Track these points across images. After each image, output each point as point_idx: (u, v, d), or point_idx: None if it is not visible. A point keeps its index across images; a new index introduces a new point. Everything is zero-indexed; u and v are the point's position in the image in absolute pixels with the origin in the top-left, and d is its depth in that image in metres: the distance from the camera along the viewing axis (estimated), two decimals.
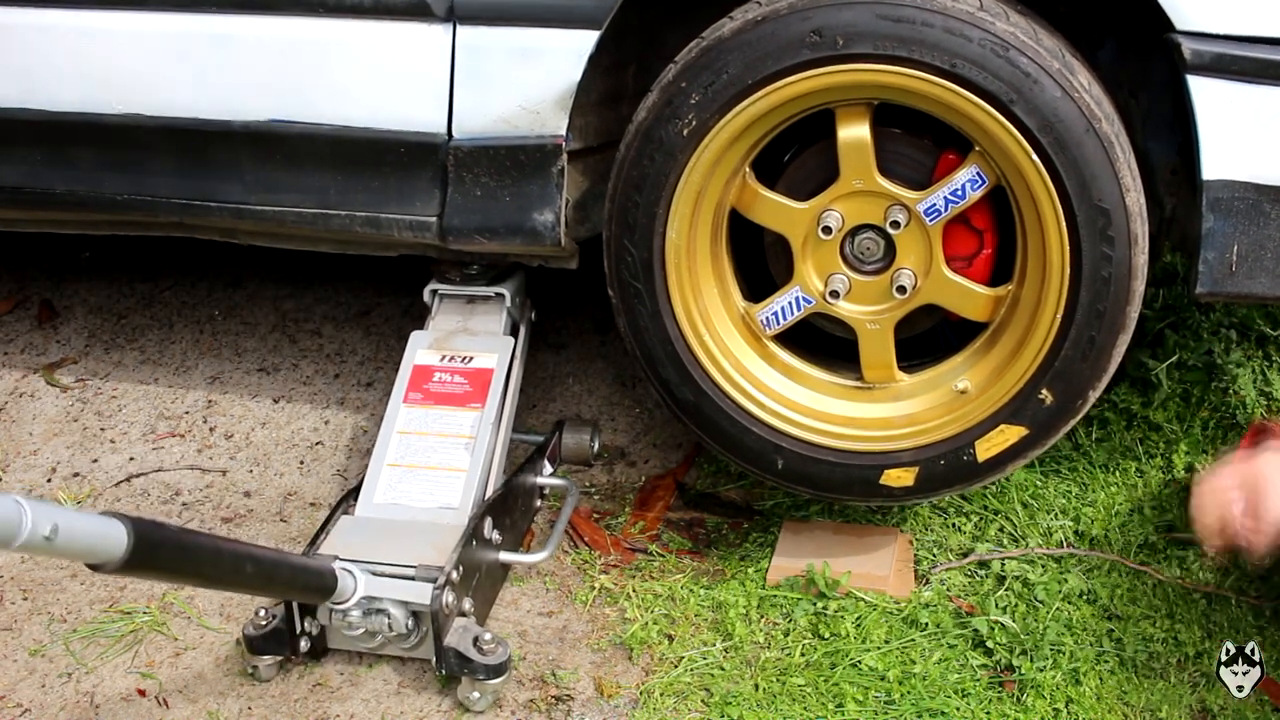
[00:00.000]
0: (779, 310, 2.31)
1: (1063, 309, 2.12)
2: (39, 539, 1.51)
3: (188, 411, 2.93)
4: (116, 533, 1.62)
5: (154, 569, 1.74)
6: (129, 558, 1.64)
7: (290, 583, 2.02)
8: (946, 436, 2.26)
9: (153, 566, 1.72)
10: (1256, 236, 2.08)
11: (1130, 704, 2.18)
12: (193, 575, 1.84)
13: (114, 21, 2.39)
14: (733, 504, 2.66)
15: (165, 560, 1.73)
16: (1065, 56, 2.04)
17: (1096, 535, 2.49)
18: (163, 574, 1.79)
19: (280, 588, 2.01)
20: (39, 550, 1.54)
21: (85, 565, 1.64)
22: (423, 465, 2.40)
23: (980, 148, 2.12)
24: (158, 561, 1.71)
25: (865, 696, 2.18)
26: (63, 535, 1.54)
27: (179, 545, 1.77)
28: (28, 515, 1.50)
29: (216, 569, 1.84)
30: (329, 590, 2.09)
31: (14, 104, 2.48)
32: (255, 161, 2.42)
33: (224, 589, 1.91)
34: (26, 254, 3.43)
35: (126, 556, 1.63)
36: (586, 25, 2.19)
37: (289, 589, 2.04)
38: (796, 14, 2.05)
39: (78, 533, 1.57)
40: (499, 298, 2.60)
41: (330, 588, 2.08)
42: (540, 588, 2.45)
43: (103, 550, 1.61)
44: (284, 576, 1.99)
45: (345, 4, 2.28)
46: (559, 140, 2.27)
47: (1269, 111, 2.02)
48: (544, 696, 2.20)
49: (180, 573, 1.81)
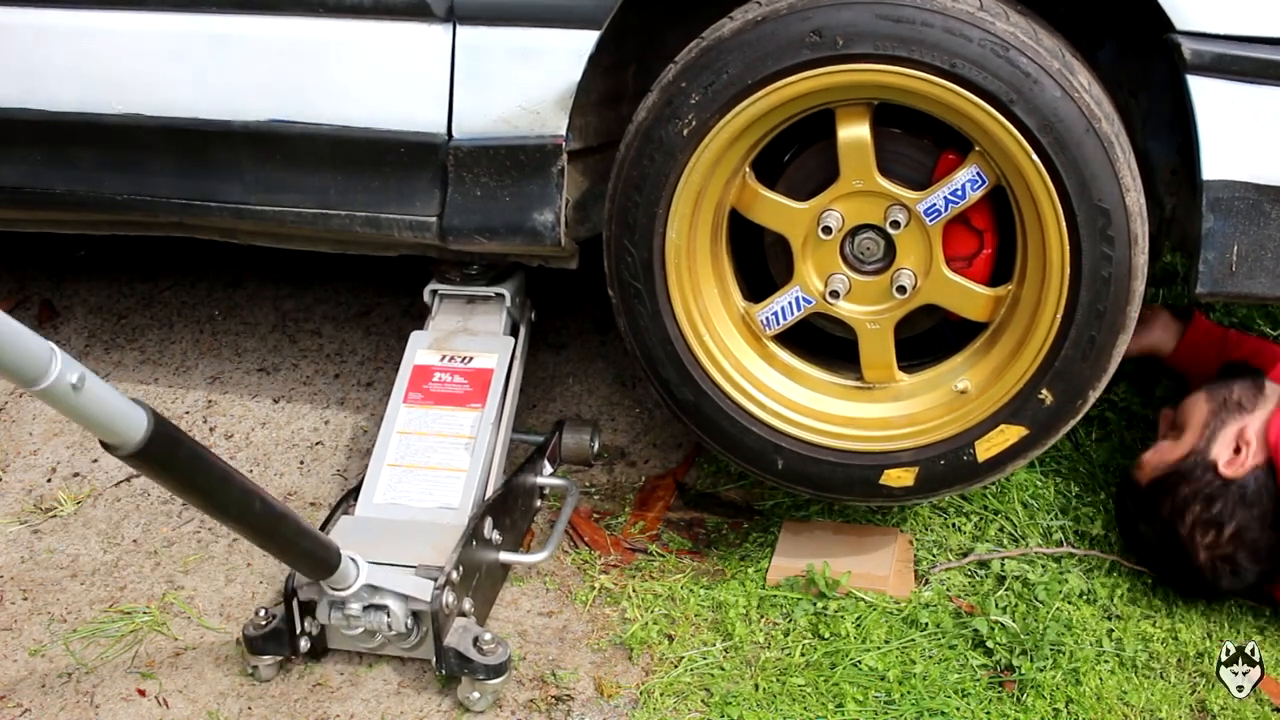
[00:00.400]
0: (779, 310, 2.31)
1: (1063, 309, 2.12)
2: (66, 384, 1.52)
3: (188, 411, 2.93)
4: (138, 416, 1.62)
5: (165, 467, 1.71)
6: (146, 444, 1.62)
7: (293, 541, 1.97)
8: (946, 436, 2.26)
9: (165, 464, 1.70)
10: (1257, 236, 2.08)
11: (1130, 704, 2.18)
12: (200, 491, 1.79)
13: (114, 21, 2.39)
14: (733, 504, 2.66)
15: (179, 461, 1.71)
16: (1065, 56, 2.04)
17: (1096, 535, 2.49)
18: (172, 477, 1.74)
19: (282, 543, 1.96)
20: (62, 400, 1.54)
21: (100, 443, 1.63)
22: (423, 465, 2.40)
23: (980, 148, 2.12)
24: (171, 460, 1.70)
25: (865, 696, 2.18)
26: (88, 392, 1.54)
27: (195, 453, 1.75)
28: (58, 359, 1.52)
29: (225, 494, 1.81)
30: (330, 566, 2.05)
31: (14, 104, 2.48)
32: (255, 161, 2.42)
33: (226, 519, 1.86)
34: (26, 254, 3.43)
35: (144, 442, 1.62)
36: (586, 25, 2.19)
37: (289, 548, 1.98)
38: (796, 14, 2.04)
39: (103, 399, 1.57)
40: (499, 298, 2.60)
41: (332, 564, 2.05)
42: (540, 588, 2.45)
43: (122, 429, 1.61)
44: (288, 531, 1.94)
45: (345, 4, 2.28)
46: (559, 140, 2.27)
47: (1269, 111, 2.02)
48: (544, 696, 2.20)
49: (190, 484, 1.77)
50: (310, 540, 2.01)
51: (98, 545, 2.57)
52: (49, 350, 1.52)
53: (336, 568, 2.06)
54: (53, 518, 2.64)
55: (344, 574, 2.08)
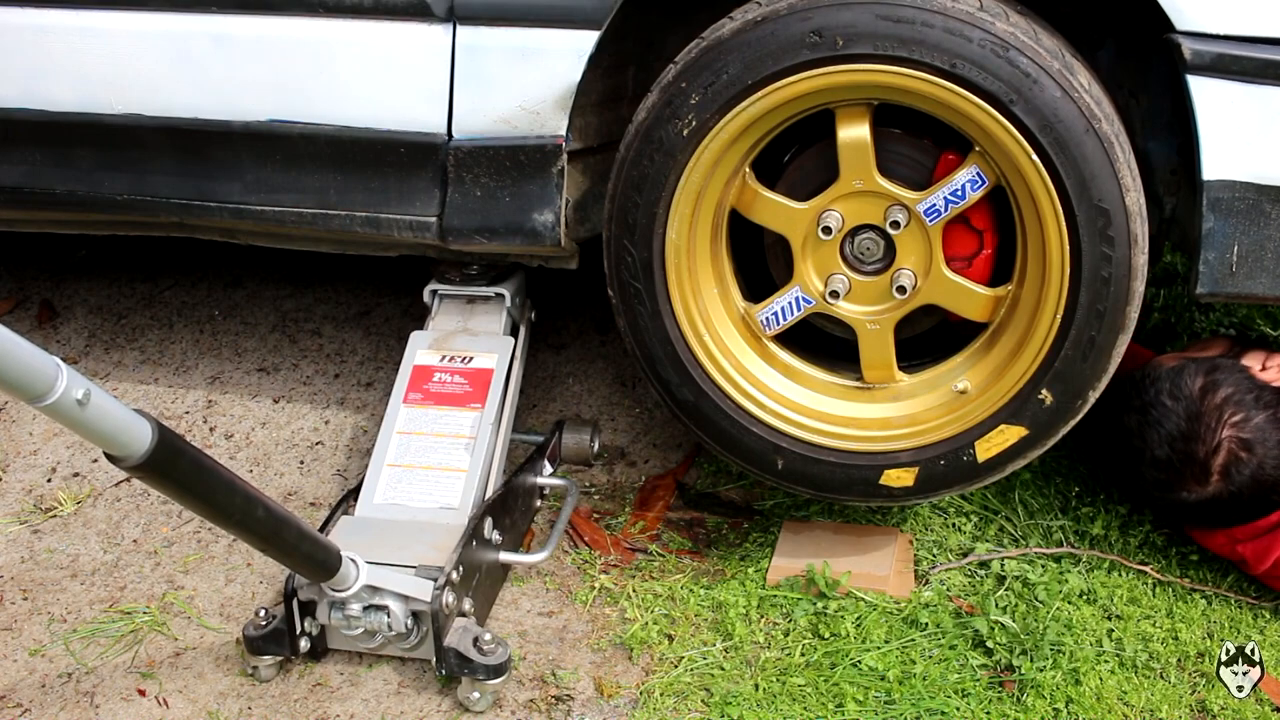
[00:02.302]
0: (779, 310, 2.31)
1: (1063, 309, 2.12)
2: (71, 400, 1.54)
3: (188, 411, 2.93)
4: (142, 429, 1.64)
5: (169, 478, 1.73)
6: (150, 456, 1.65)
7: (295, 545, 1.98)
8: (946, 437, 2.26)
9: (168, 474, 1.72)
10: (1257, 236, 2.08)
11: (1130, 704, 2.18)
12: (204, 499, 1.81)
13: (114, 21, 2.39)
14: (733, 504, 2.67)
15: (182, 471, 1.73)
16: (1065, 56, 2.04)
17: (1096, 535, 2.49)
18: (176, 487, 1.76)
19: (283, 547, 1.98)
20: (68, 415, 1.56)
21: (105, 455, 1.65)
22: (423, 465, 2.40)
23: (980, 148, 2.12)
24: (175, 470, 1.71)
25: (865, 696, 2.18)
26: (94, 407, 1.57)
27: (198, 463, 1.77)
28: (64, 374, 1.54)
29: (229, 500, 1.83)
30: (331, 568, 2.06)
31: (14, 104, 2.48)
32: (255, 161, 2.42)
33: (229, 526, 1.88)
34: (26, 254, 3.43)
35: (148, 454, 1.64)
36: (586, 25, 2.19)
37: (291, 552, 2.00)
38: (796, 14, 2.04)
39: (108, 412, 1.59)
40: (499, 298, 2.60)
41: (333, 567, 2.06)
42: (540, 588, 2.45)
43: (126, 441, 1.63)
44: (290, 536, 1.96)
45: (345, 4, 2.28)
46: (559, 140, 2.27)
47: (1269, 111, 2.02)
48: (544, 696, 2.21)
49: (193, 491, 1.79)
50: (311, 544, 2.02)
51: (98, 545, 2.57)
52: (54, 366, 1.54)
53: (337, 570, 2.07)
54: (53, 518, 2.65)
55: (344, 576, 2.09)
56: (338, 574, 2.07)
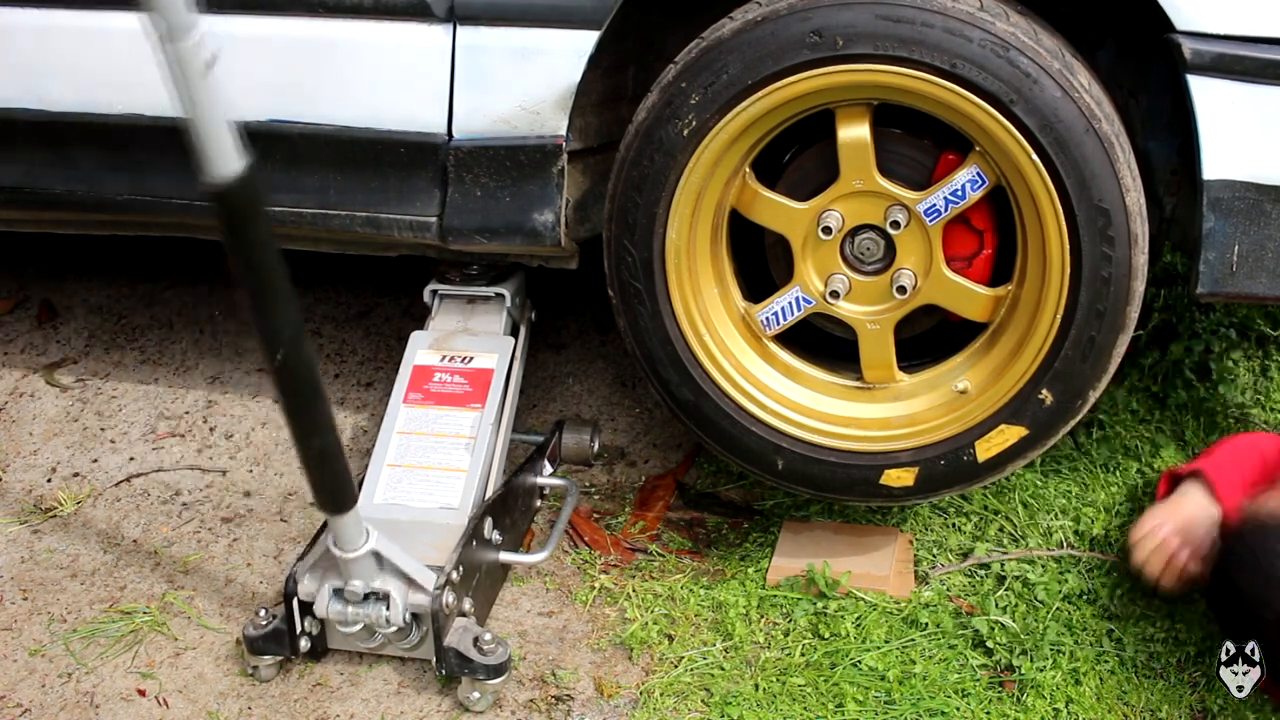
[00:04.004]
0: (779, 310, 2.31)
1: (1063, 309, 2.12)
2: (200, 60, 1.57)
3: (188, 411, 2.93)
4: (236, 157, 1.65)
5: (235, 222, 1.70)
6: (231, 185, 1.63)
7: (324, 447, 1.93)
8: (946, 437, 2.26)
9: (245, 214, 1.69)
10: (1257, 236, 2.08)
11: (1130, 704, 2.18)
12: (255, 271, 1.76)
13: (114, 21, 2.39)
14: (733, 504, 2.67)
15: (252, 224, 1.69)
16: (1065, 56, 2.04)
17: (1096, 535, 2.49)
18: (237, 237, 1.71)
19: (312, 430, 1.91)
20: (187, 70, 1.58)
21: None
22: (423, 465, 2.39)
23: (980, 148, 2.12)
24: (245, 217, 1.69)
25: (865, 696, 2.18)
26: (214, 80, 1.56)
27: (268, 230, 1.74)
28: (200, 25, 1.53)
29: (286, 310, 1.79)
30: (342, 503, 2.01)
31: (14, 104, 2.48)
32: (255, 161, 2.41)
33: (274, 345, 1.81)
34: (26, 254, 3.43)
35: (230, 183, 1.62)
36: (586, 25, 2.19)
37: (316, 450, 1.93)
38: (796, 14, 2.05)
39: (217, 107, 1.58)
40: (499, 298, 2.60)
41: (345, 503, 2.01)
42: (540, 588, 2.45)
43: (219, 154, 1.65)
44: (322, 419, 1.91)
45: (345, 4, 2.28)
46: (559, 140, 2.27)
47: (1269, 111, 2.02)
48: (544, 696, 2.21)
49: (248, 260, 1.73)
50: (340, 463, 1.98)
51: (98, 545, 2.57)
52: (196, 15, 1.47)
53: (349, 509, 2.03)
54: (53, 518, 2.65)
55: (352, 529, 2.06)
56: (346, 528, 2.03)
